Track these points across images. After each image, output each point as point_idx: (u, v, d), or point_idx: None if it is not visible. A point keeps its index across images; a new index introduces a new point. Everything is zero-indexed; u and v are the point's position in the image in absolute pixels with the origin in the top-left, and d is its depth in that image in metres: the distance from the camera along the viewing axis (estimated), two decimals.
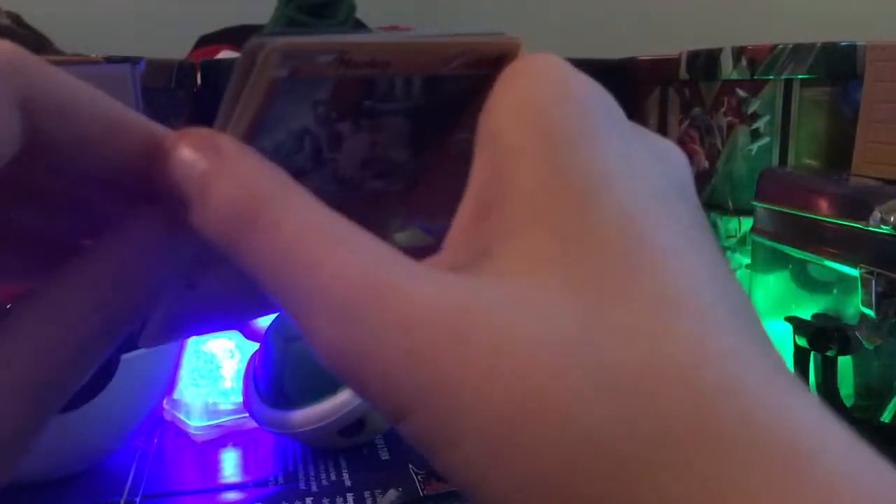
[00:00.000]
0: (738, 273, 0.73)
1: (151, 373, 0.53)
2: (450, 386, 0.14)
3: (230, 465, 0.56)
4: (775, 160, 0.68)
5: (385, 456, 0.56)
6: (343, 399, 0.52)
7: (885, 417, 0.53)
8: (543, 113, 0.16)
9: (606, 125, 0.17)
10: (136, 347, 0.50)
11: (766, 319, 0.63)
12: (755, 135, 0.70)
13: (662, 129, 0.81)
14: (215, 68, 0.73)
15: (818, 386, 0.55)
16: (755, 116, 0.69)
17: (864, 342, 0.52)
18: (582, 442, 0.13)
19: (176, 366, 0.56)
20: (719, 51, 0.73)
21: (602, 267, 0.15)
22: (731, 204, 0.73)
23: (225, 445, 0.58)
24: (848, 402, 0.55)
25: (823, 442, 0.14)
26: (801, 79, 0.67)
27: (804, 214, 0.56)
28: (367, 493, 0.51)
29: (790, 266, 0.61)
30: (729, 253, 0.74)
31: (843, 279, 0.55)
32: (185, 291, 0.19)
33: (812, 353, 0.56)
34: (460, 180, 0.18)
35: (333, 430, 0.53)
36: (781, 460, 0.13)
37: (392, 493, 0.50)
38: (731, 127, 0.72)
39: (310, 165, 0.19)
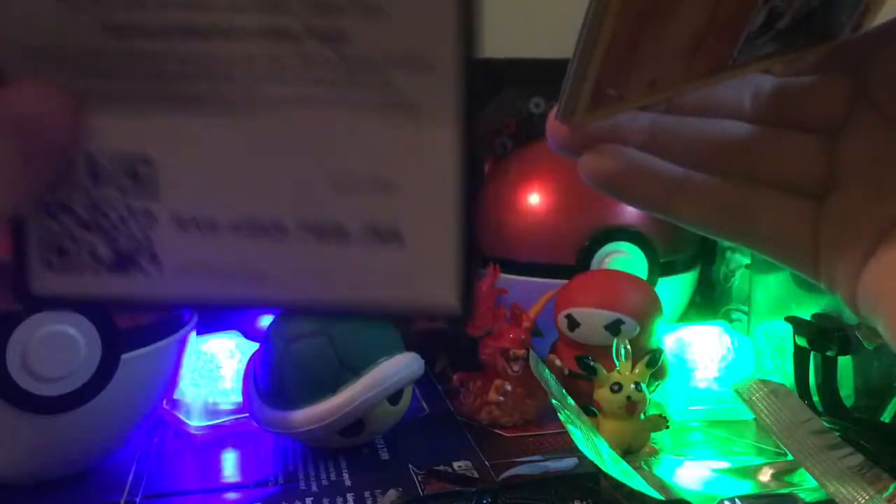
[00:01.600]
0: (738, 273, 0.72)
1: (151, 373, 0.53)
2: None
3: (230, 465, 0.56)
4: None
5: (385, 456, 0.56)
6: (343, 399, 0.52)
7: (885, 417, 0.53)
8: None
9: None
10: (135, 347, 0.50)
11: (766, 319, 0.63)
12: None
13: None
14: None
15: (818, 386, 0.55)
16: None
17: (864, 342, 0.52)
18: None
19: (176, 366, 0.55)
20: None
21: None
22: None
23: (225, 445, 0.58)
24: (848, 402, 0.55)
25: None
26: None
27: None
28: (367, 493, 0.51)
29: None
30: (729, 253, 0.74)
31: None
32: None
33: (812, 353, 0.56)
34: None
35: (333, 430, 0.53)
36: None
37: (392, 493, 0.50)
38: None
39: None
